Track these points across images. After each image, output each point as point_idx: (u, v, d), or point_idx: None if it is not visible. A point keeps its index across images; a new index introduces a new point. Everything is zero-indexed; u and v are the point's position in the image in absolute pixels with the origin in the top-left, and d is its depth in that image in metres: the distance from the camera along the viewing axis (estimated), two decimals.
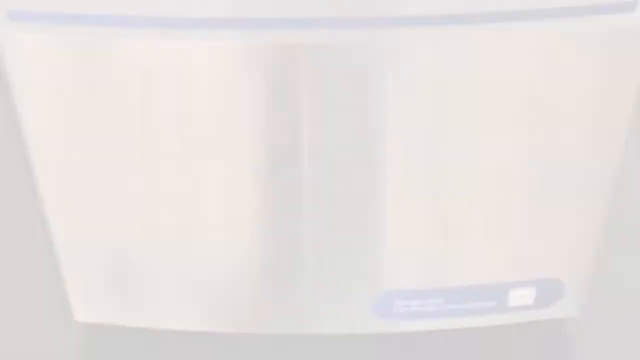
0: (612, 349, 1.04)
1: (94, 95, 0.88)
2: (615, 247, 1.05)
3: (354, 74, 0.86)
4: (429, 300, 1.02)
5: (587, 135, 0.92)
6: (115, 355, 1.05)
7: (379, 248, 0.98)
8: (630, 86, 0.90)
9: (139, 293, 1.02)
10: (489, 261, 1.00)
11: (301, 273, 0.99)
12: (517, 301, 1.03)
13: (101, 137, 0.91)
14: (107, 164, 0.93)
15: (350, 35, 0.83)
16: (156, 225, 0.97)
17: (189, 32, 0.83)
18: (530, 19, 0.83)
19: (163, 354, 1.05)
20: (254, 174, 0.93)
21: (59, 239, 0.98)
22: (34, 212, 0.98)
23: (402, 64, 0.86)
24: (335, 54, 0.85)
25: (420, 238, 0.97)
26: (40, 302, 1.12)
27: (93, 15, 0.83)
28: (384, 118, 0.89)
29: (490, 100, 0.89)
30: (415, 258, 0.99)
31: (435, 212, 0.96)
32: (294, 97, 0.87)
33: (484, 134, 0.91)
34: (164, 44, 0.84)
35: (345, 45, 0.84)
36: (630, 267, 1.06)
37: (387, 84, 0.87)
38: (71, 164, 0.93)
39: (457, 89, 0.88)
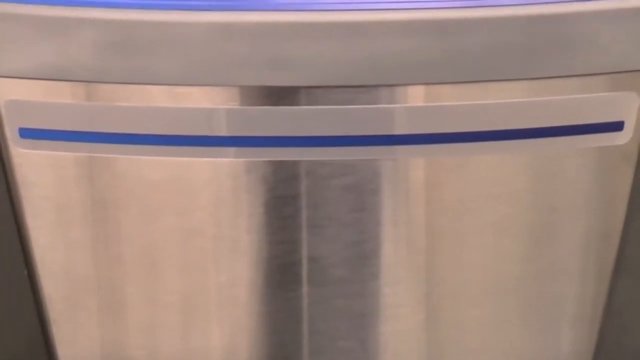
0: None
1: (98, 208, 0.90)
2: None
3: (351, 190, 0.88)
4: None
5: (580, 248, 0.94)
6: None
7: (377, 359, 0.98)
8: (620, 200, 0.91)
9: None
10: None
11: None
12: None
13: (105, 248, 0.92)
14: (109, 275, 0.94)
15: (347, 152, 0.85)
16: (156, 335, 0.97)
17: (191, 149, 0.85)
18: (524, 137, 0.86)
19: None
20: (253, 286, 0.93)
21: (61, 353, 0.99)
22: (35, 322, 0.98)
23: (398, 179, 0.88)
24: (333, 170, 0.87)
25: (417, 348, 0.98)
26: None
27: (98, 133, 0.85)
28: (381, 231, 0.91)
29: (485, 214, 0.90)
30: None
31: (432, 323, 0.96)
32: (293, 211, 0.89)
33: (478, 249, 0.92)
34: (166, 160, 0.86)
35: (343, 162, 0.86)
36: None
37: (383, 199, 0.89)
38: (74, 274, 0.94)
39: (452, 204, 0.90)
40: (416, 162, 0.88)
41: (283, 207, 0.89)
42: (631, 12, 0.78)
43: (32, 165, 0.88)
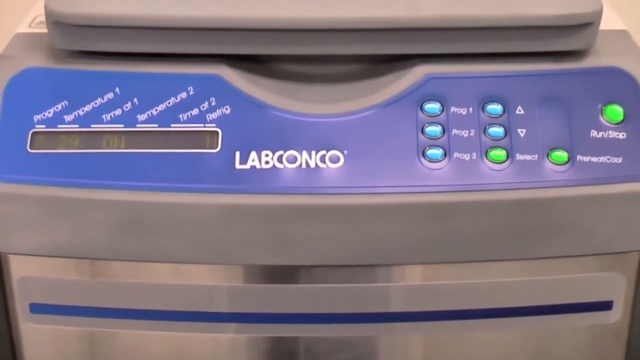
0: None
1: None
2: None
3: None
4: None
5: None
6: None
7: None
8: None
9: None
10: None
11: None
12: None
13: None
14: None
15: (346, 329, 0.87)
16: None
17: (193, 324, 0.87)
18: (517, 315, 0.88)
19: None
20: None
21: None
22: None
23: (396, 356, 0.90)
24: (332, 347, 0.88)
25: None
26: None
27: (107, 308, 0.87)
28: None
29: None
30: None
31: None
32: None
33: None
34: (168, 334, 0.88)
35: (342, 338, 0.88)
36: None
37: None
38: None
39: None
40: (414, 338, 0.89)
41: None
42: (614, 198, 0.81)
43: (37, 339, 0.89)
